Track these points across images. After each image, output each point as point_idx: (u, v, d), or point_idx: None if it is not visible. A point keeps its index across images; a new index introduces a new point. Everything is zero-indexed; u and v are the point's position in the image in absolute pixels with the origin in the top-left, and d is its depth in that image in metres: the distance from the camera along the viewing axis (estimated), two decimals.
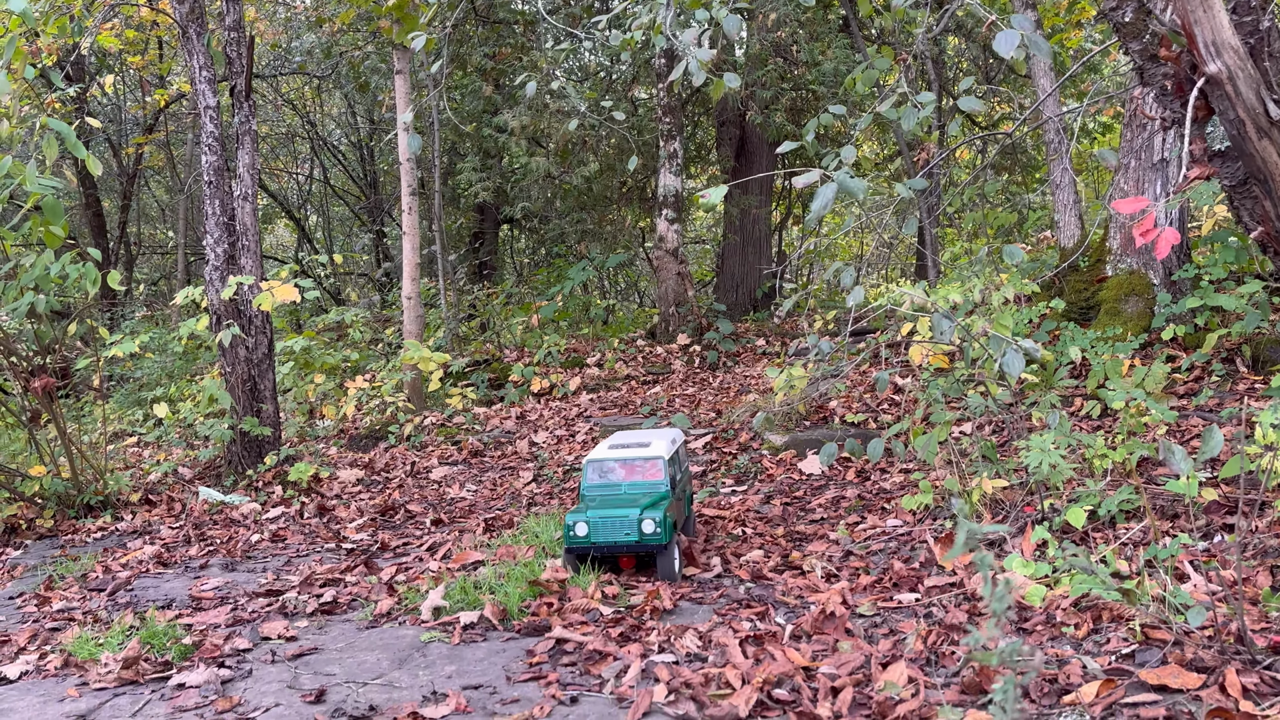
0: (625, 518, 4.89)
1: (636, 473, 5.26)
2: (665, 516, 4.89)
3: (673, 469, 5.39)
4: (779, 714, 3.38)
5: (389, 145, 20.85)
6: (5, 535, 7.92)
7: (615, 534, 4.91)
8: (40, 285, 7.58)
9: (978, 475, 5.40)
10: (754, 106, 12.72)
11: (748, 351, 12.92)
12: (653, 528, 4.85)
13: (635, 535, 4.87)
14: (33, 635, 4.92)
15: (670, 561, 5.00)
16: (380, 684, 3.93)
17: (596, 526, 4.92)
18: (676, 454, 5.61)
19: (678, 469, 5.57)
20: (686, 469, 5.92)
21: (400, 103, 10.83)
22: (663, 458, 5.24)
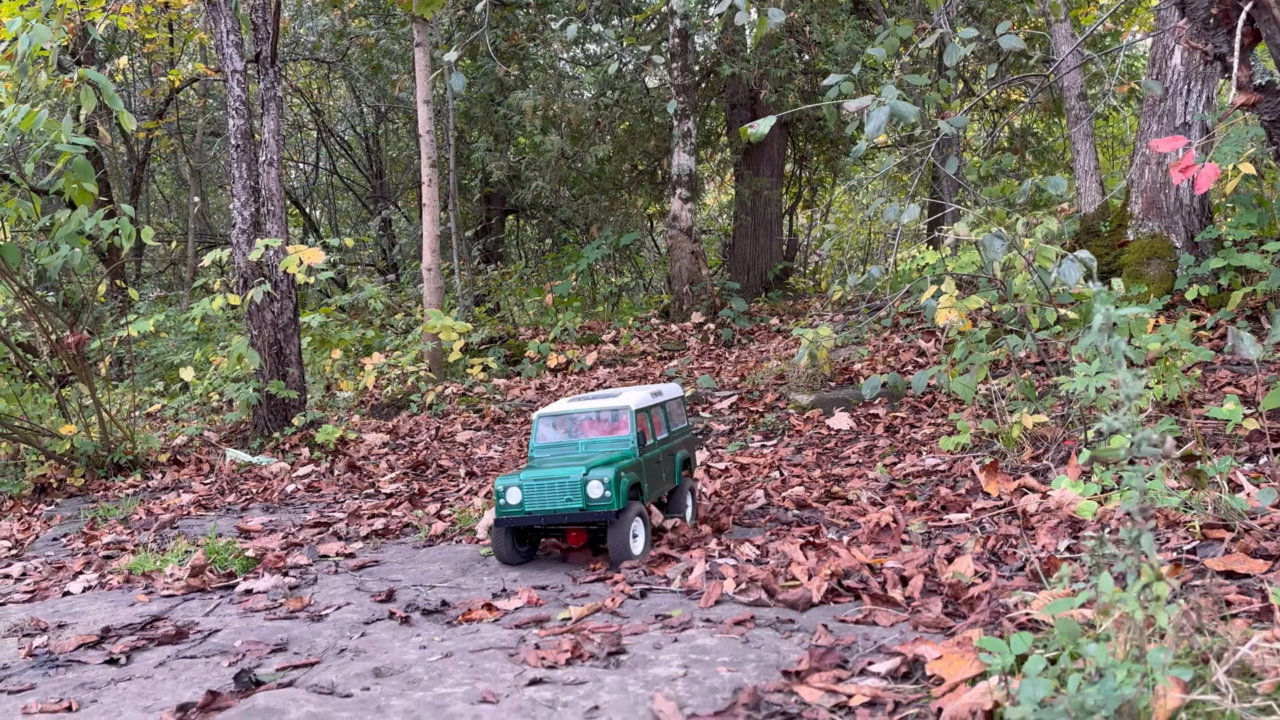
0: (566, 480, 3.98)
1: (598, 428, 4.43)
2: (618, 477, 4.01)
3: (649, 423, 4.58)
4: (850, 600, 3.44)
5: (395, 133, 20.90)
6: (36, 494, 7.95)
7: (554, 500, 4.00)
8: (72, 241, 7.61)
9: (1017, 412, 5.46)
10: (768, 85, 12.80)
11: (761, 329, 12.99)
12: (600, 491, 3.94)
13: (579, 501, 3.97)
14: (87, 563, 4.96)
15: (623, 535, 4.00)
16: (447, 586, 3.98)
17: (532, 492, 4.02)
18: (662, 409, 4.82)
19: (664, 425, 4.79)
20: (686, 429, 5.07)
21: (420, 75, 10.89)
22: (629, 408, 4.40)
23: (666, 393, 4.94)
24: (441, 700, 2.73)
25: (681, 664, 2.89)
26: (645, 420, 4.53)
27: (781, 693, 2.63)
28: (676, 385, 5.15)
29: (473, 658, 3.10)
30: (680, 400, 5.14)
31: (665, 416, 4.81)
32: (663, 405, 4.84)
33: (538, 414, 4.48)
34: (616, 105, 14.06)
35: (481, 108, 14.95)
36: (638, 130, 14.82)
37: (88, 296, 8.22)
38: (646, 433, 4.50)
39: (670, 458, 4.72)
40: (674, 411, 4.99)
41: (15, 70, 6.77)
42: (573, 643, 3.09)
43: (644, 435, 4.40)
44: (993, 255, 4.29)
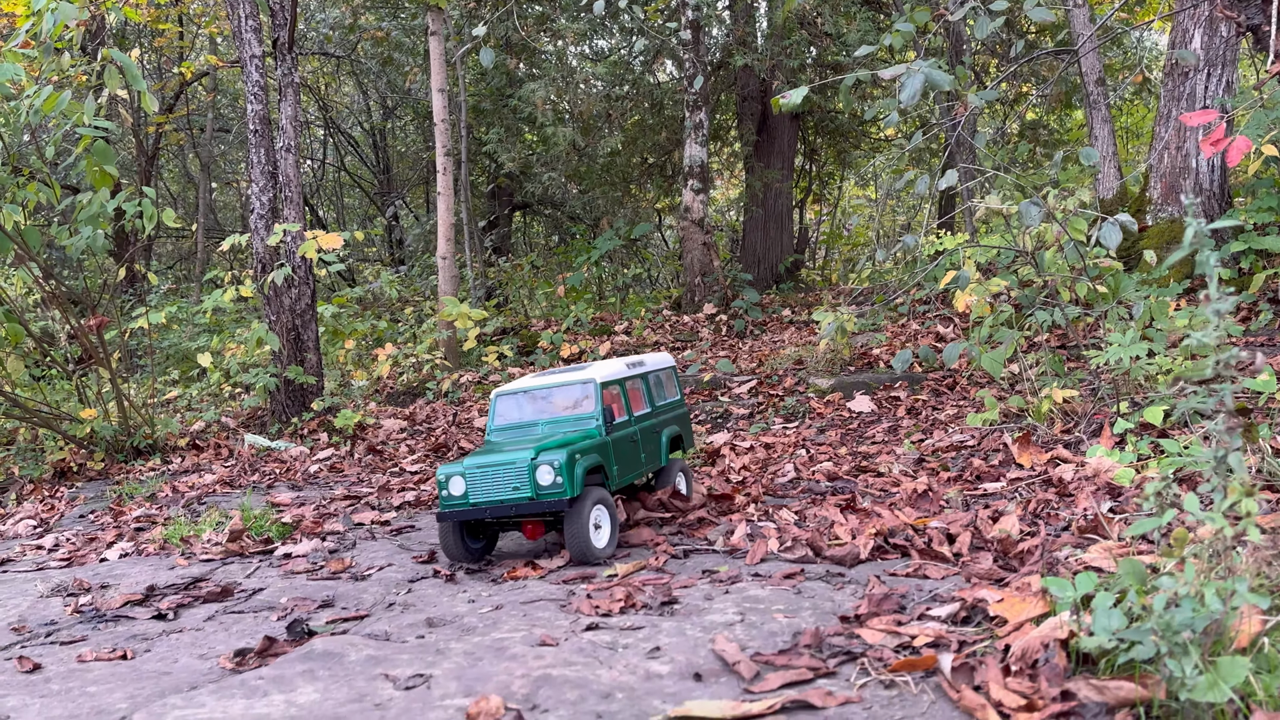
0: (512, 465, 3.53)
1: (562, 405, 3.97)
2: (571, 460, 3.53)
3: (623, 397, 4.11)
4: (897, 557, 3.44)
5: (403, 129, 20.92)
6: (56, 478, 7.95)
7: (501, 489, 3.56)
8: (93, 224, 7.61)
9: (1046, 387, 5.46)
10: (780, 77, 12.81)
11: (774, 320, 12.98)
12: (550, 477, 3.49)
13: (528, 490, 3.52)
14: (118, 534, 4.95)
15: (580, 527, 3.51)
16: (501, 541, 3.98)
17: (476, 480, 3.60)
18: (643, 380, 4.34)
19: (646, 398, 4.31)
20: (677, 404, 4.62)
21: (434, 64, 10.89)
22: (594, 381, 3.93)
23: (650, 363, 4.45)
24: (500, 644, 2.72)
25: (736, 611, 2.89)
26: (618, 394, 4.06)
27: (842, 635, 2.63)
28: (666, 355, 4.66)
29: (524, 608, 3.10)
30: (671, 372, 4.66)
31: (647, 389, 4.33)
32: (644, 377, 4.34)
33: (496, 392, 4.04)
34: (627, 98, 14.07)
35: (492, 101, 14.96)
36: (648, 123, 14.83)
37: (108, 280, 8.22)
38: (619, 408, 4.03)
39: (654, 436, 4.26)
40: (661, 384, 4.53)
41: (39, 50, 6.77)
42: (625, 593, 3.08)
43: (611, 411, 3.88)
44: (1029, 223, 4.29)
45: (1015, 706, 2.08)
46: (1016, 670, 2.23)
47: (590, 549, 3.57)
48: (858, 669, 2.41)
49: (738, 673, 2.43)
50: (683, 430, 4.61)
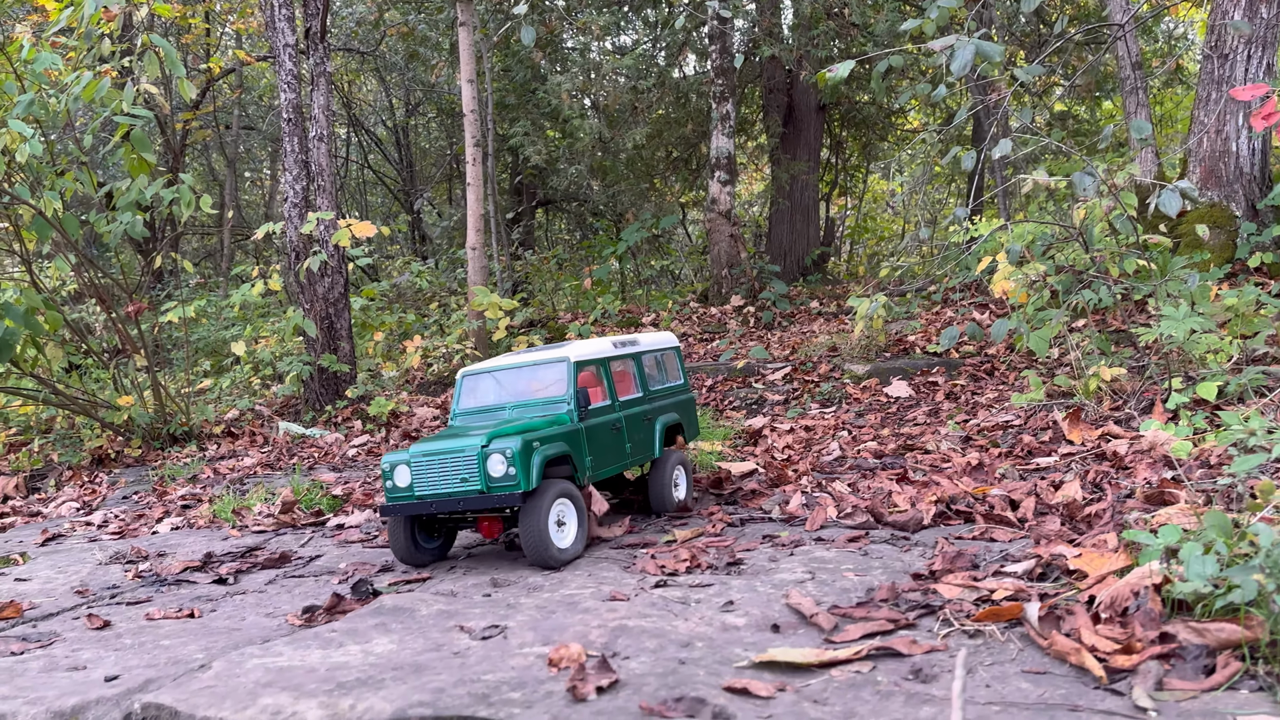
0: (461, 454, 3.14)
1: (533, 387, 3.57)
2: (527, 449, 3.11)
3: (605, 379, 3.67)
4: (960, 522, 3.40)
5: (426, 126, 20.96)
6: (94, 465, 7.99)
7: (449, 480, 3.15)
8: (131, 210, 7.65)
9: (1093, 365, 5.41)
10: (808, 67, 12.76)
11: (802, 312, 12.93)
12: (503, 468, 3.08)
13: (478, 482, 3.11)
14: (165, 512, 4.97)
15: (537, 525, 3.09)
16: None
17: (423, 470, 3.19)
18: (634, 361, 3.88)
19: (637, 382, 3.86)
20: (679, 389, 4.16)
21: (464, 54, 10.90)
22: (568, 361, 3.50)
23: (645, 343, 4.00)
24: (570, 599, 2.71)
25: (805, 571, 2.86)
26: (597, 376, 3.64)
27: (917, 592, 2.60)
28: (668, 334, 4.21)
29: (588, 569, 3.08)
30: (673, 353, 4.21)
31: (638, 371, 3.88)
32: (634, 357, 3.88)
33: (463, 371, 3.69)
34: (653, 90, 14.05)
35: (516, 95, 14.97)
36: (673, 116, 14.81)
37: (146, 267, 8.26)
38: (600, 392, 3.62)
39: (645, 424, 3.81)
40: (660, 366, 4.09)
41: (80, 36, 6.81)
42: (690, 554, 3.06)
43: (586, 395, 3.44)
44: (1083, 193, 4.24)
45: (1110, 650, 2.04)
46: (1106, 618, 2.20)
47: (548, 550, 3.10)
48: (939, 621, 2.38)
49: (816, 624, 2.40)
50: (683, 418, 4.11)
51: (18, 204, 7.40)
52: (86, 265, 7.86)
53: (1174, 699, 1.84)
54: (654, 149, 14.90)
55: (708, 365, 9.66)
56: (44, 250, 8.28)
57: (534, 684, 2.08)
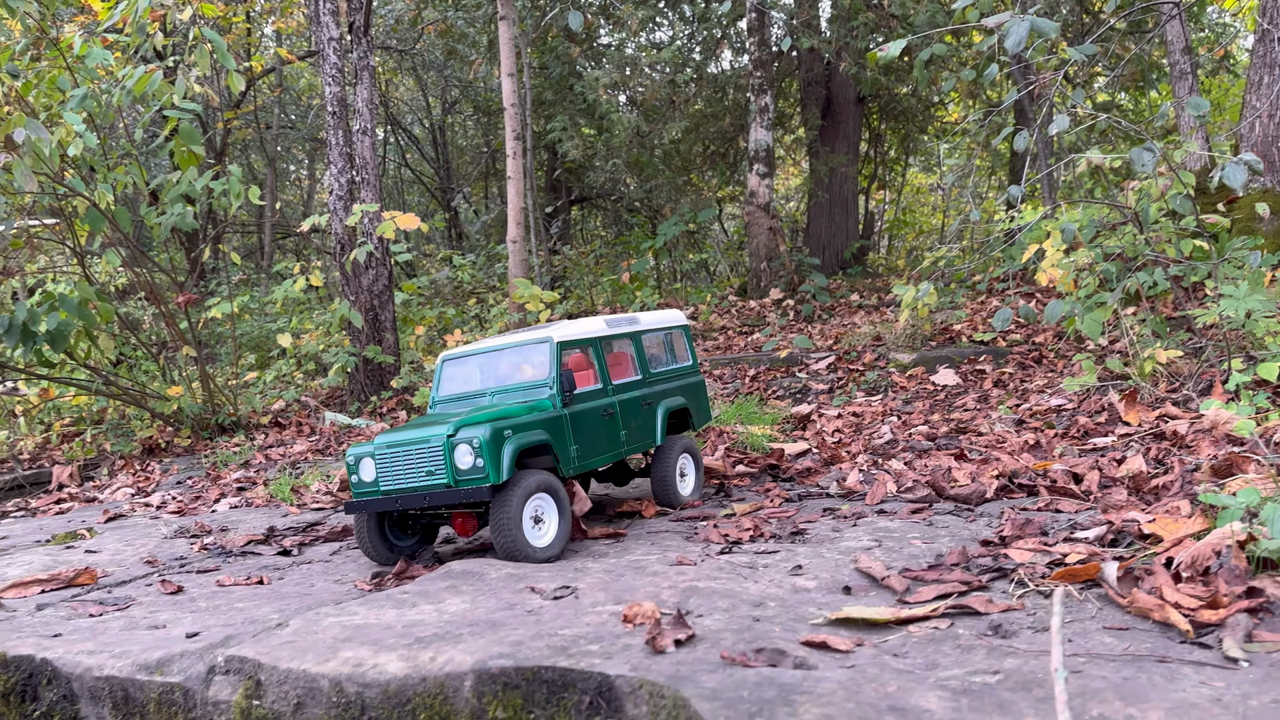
0: (425, 444, 2.92)
1: (515, 371, 3.31)
2: (496, 438, 2.88)
3: (596, 361, 3.38)
4: (1023, 496, 3.37)
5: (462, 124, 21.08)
6: (145, 454, 8.12)
7: (415, 474, 2.94)
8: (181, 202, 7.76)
9: (1149, 347, 5.34)
10: (847, 58, 12.70)
11: (842, 305, 12.87)
12: (470, 459, 2.85)
13: (445, 475, 2.89)
14: (221, 493, 5.04)
15: (508, 520, 2.84)
16: (601, 490, 3.98)
17: (387, 463, 2.99)
18: (633, 342, 3.59)
19: (636, 364, 3.58)
20: (687, 371, 3.86)
21: (504, 48, 10.95)
22: (550, 341, 3.23)
23: (647, 321, 3.72)
24: (638, 564, 2.71)
25: (871, 539, 2.85)
26: (587, 358, 3.37)
27: (988, 557, 2.58)
28: (675, 313, 3.92)
29: (650, 538, 3.09)
30: (681, 333, 3.92)
31: (638, 352, 3.60)
32: (632, 337, 3.58)
33: (443, 355, 3.49)
34: (690, 83, 14.04)
35: (553, 91, 15.02)
36: (710, 110, 14.79)
37: (197, 257, 8.38)
38: (590, 375, 3.35)
39: (644, 409, 3.52)
40: (665, 346, 3.80)
41: (133, 29, 6.92)
42: (753, 523, 3.06)
43: (571, 378, 3.16)
44: (1143, 169, 4.19)
45: (1194, 606, 2.02)
46: (1187, 577, 2.17)
47: (521, 550, 2.84)
48: (1012, 583, 2.36)
49: (888, 586, 2.39)
50: (690, 403, 3.80)
51: (72, 196, 7.54)
52: (137, 258, 7.98)
53: (1265, 650, 1.81)
54: (691, 143, 14.90)
55: (749, 356, 9.64)
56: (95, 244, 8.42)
57: (611, 638, 2.08)
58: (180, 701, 2.15)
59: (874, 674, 1.82)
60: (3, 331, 7.33)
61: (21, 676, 2.31)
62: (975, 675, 1.81)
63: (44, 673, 2.30)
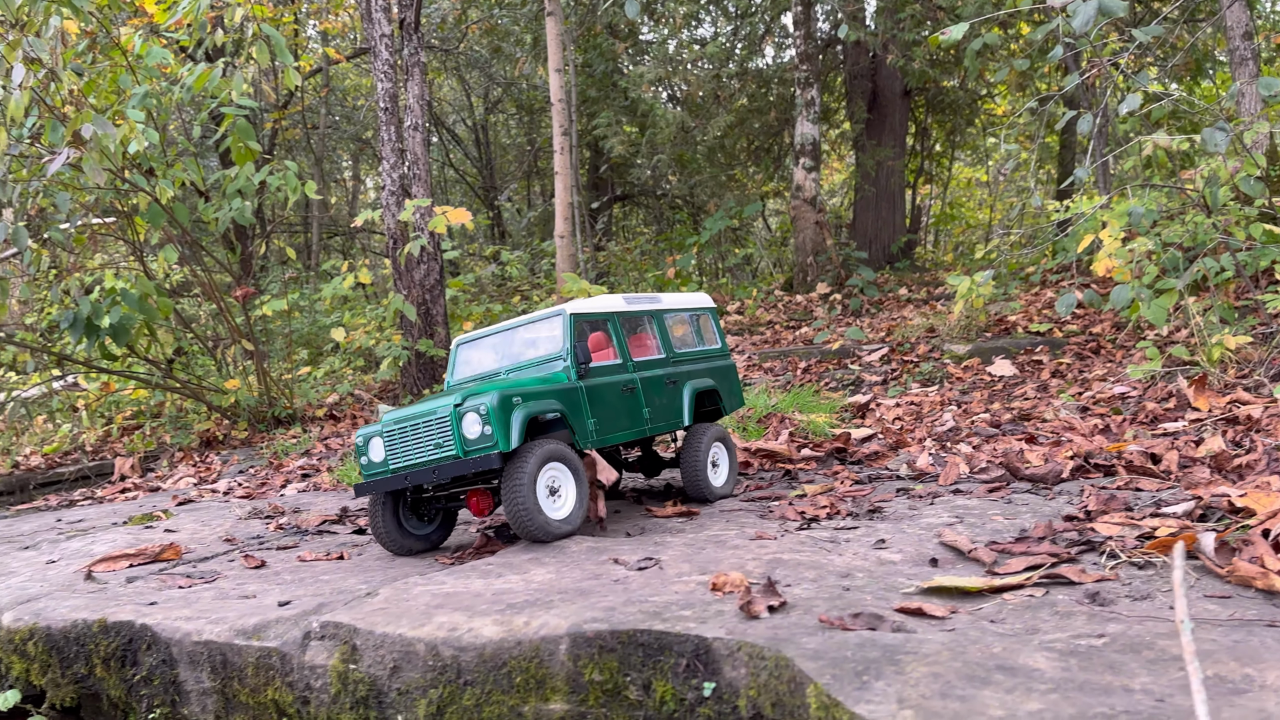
0: (433, 416, 2.84)
1: (530, 348, 3.22)
2: (505, 405, 2.77)
3: (615, 338, 3.24)
4: (1100, 476, 3.33)
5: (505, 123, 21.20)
6: (203, 446, 8.25)
7: (423, 448, 2.85)
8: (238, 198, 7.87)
9: (1216, 334, 5.25)
10: (894, 51, 12.60)
11: (890, 299, 12.78)
12: (479, 427, 2.75)
13: (454, 446, 2.79)
14: (286, 480, 5.11)
15: (521, 491, 2.72)
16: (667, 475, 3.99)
17: (396, 440, 2.90)
18: (654, 321, 3.44)
19: (660, 343, 3.43)
20: (716, 354, 3.69)
21: (551, 44, 11.00)
22: (564, 314, 3.13)
23: (669, 301, 3.58)
24: (717, 538, 2.72)
25: (951, 516, 2.83)
26: (604, 335, 3.24)
27: (1074, 531, 2.55)
28: (702, 295, 3.78)
29: (725, 515, 3.09)
30: (709, 315, 3.77)
31: (661, 331, 3.46)
32: (654, 316, 3.45)
33: (458, 339, 3.41)
34: (735, 78, 14.02)
35: (598, 88, 15.06)
36: (754, 105, 14.76)
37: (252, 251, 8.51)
38: (609, 351, 3.23)
39: (668, 388, 3.37)
40: (690, 327, 3.66)
41: (195, 26, 7.04)
42: (829, 501, 3.05)
43: (586, 351, 3.05)
44: (1215, 148, 4.12)
45: None
46: None
47: (535, 520, 2.72)
48: (1103, 555, 2.33)
49: (976, 559, 2.38)
50: (720, 386, 3.64)
51: (134, 192, 7.68)
52: (194, 253, 8.12)
53: None
54: (735, 138, 14.87)
55: (799, 349, 9.60)
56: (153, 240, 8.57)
57: (701, 605, 2.09)
58: (277, 665, 2.18)
59: (976, 637, 1.81)
60: (67, 326, 7.48)
61: (122, 642, 2.37)
62: (1079, 639, 1.79)
63: (143, 638, 2.35)
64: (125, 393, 9.27)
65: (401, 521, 3.01)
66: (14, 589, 2.84)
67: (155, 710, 2.33)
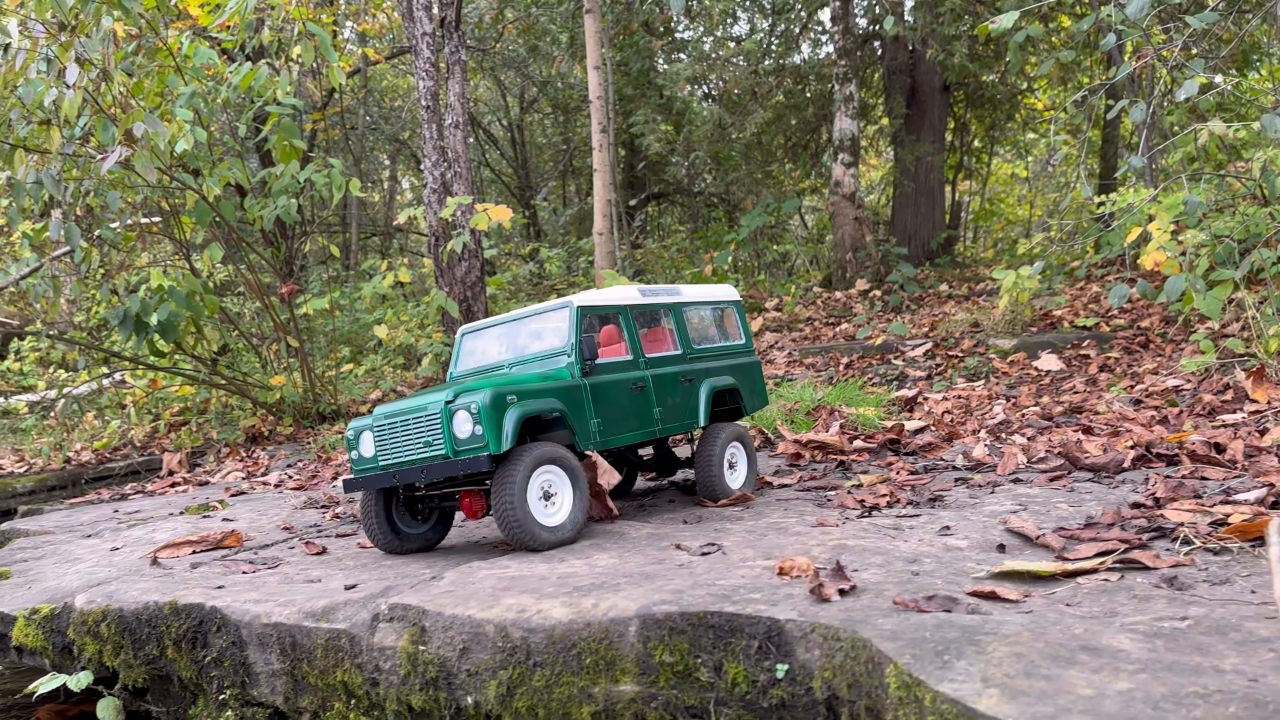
0: (423, 413, 2.71)
1: (533, 341, 3.08)
2: (497, 403, 2.63)
3: (626, 331, 3.09)
4: (1163, 465, 3.28)
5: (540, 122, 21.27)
6: (249, 442, 8.35)
7: (412, 446, 2.73)
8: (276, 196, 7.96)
9: (1274, 325, 5.16)
10: (934, 45, 12.50)
11: (931, 295, 12.68)
12: (469, 427, 2.62)
13: (444, 445, 2.66)
14: (336, 473, 5.15)
15: (511, 496, 2.57)
16: None
17: (385, 436, 2.79)
18: (672, 314, 3.28)
19: (677, 337, 3.26)
20: (738, 350, 3.51)
21: (589, 42, 11.01)
22: (570, 306, 2.98)
23: (689, 294, 3.41)
24: (778, 525, 2.70)
25: (1014, 504, 2.80)
26: (615, 328, 3.11)
27: (1142, 518, 2.51)
28: (727, 287, 3.63)
29: (781, 504, 3.08)
30: (734, 308, 3.59)
31: (679, 325, 3.29)
32: (672, 309, 3.28)
33: (461, 330, 3.28)
34: (772, 74, 13.97)
35: (634, 86, 15.07)
36: (791, 102, 14.70)
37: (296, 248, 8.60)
38: (620, 346, 3.09)
39: (685, 385, 3.20)
40: (710, 321, 3.48)
41: (242, 24, 7.12)
42: (889, 489, 3.03)
43: (594, 346, 2.88)
44: (1276, 134, 4.05)
45: None
46: None
47: (526, 528, 2.58)
48: (1176, 541, 2.30)
49: (1044, 545, 2.35)
50: (742, 383, 3.45)
51: (182, 191, 7.78)
52: (239, 251, 8.21)
53: None
54: (772, 135, 14.81)
55: (840, 345, 9.55)
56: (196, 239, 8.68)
57: (769, 588, 2.08)
58: (346, 647, 2.20)
59: (1054, 619, 1.79)
60: (117, 323, 7.60)
61: (192, 624, 2.40)
62: (1162, 621, 1.76)
63: (213, 620, 2.38)
64: (172, 389, 9.41)
65: (394, 520, 2.90)
66: (83, 573, 2.89)
67: (225, 691, 2.36)
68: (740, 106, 14.09)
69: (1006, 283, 7.92)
